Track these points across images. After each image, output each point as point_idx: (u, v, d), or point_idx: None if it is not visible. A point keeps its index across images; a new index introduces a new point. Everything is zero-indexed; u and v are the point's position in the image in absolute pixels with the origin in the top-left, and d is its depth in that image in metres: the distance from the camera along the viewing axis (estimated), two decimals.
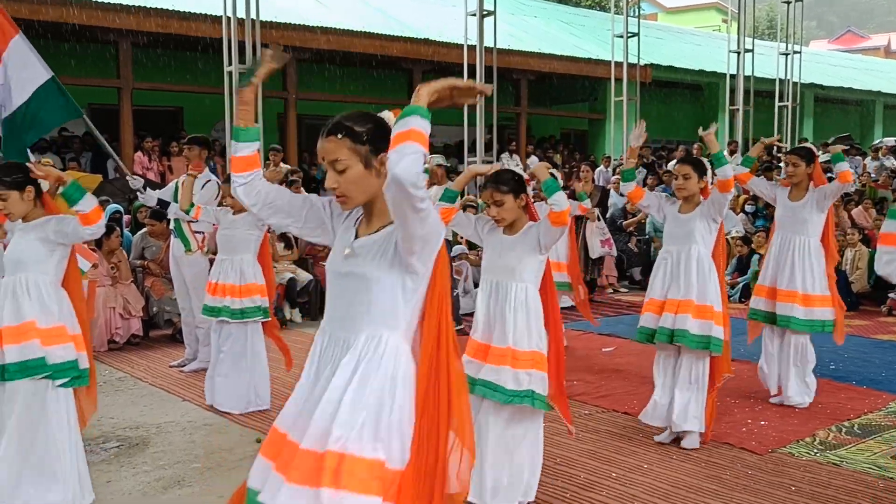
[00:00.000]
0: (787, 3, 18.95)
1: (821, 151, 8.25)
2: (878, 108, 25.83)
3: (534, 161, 16.19)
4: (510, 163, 15.12)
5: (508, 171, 3.76)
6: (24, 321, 3.63)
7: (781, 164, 14.16)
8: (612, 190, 12.61)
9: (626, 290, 11.01)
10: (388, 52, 14.92)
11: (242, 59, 11.06)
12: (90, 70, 13.07)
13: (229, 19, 11.02)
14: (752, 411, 5.36)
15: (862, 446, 4.68)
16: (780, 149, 15.66)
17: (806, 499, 3.92)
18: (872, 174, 14.67)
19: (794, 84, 19.16)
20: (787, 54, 19.01)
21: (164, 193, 6.78)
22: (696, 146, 16.13)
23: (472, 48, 13.65)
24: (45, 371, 3.62)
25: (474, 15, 13.47)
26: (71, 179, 3.71)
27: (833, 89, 23.37)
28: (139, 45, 13.02)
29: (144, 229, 8.33)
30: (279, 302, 8.37)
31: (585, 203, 4.98)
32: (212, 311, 5.57)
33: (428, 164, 8.59)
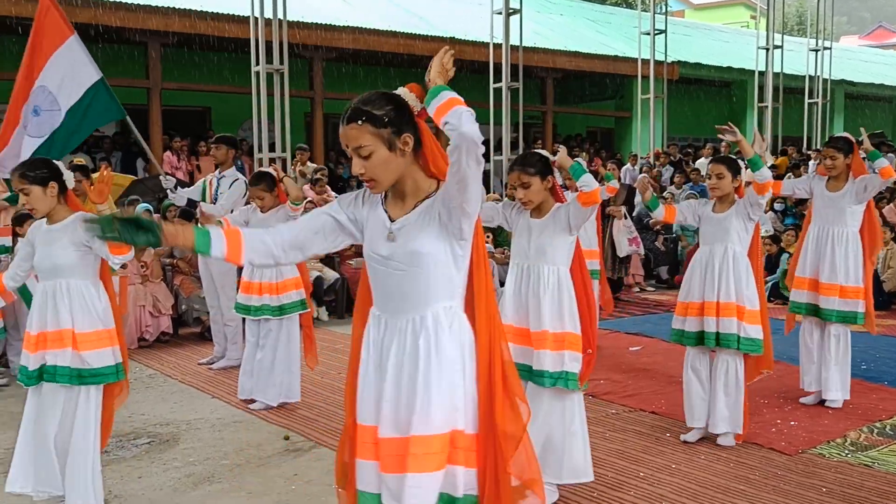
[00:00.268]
0: None
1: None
2: None
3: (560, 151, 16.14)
4: None
5: (535, 153, 3.82)
6: (64, 327, 3.62)
7: (811, 161, 14.00)
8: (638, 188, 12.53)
9: (653, 289, 10.94)
10: (414, 51, 14.93)
11: (270, 59, 11.14)
12: (120, 71, 13.21)
13: (256, 19, 11.10)
14: (782, 411, 5.31)
15: (895, 447, 4.62)
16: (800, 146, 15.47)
17: (837, 500, 3.88)
18: None
19: (825, 80, 18.93)
20: (817, 50, 18.78)
21: (191, 192, 6.84)
22: (724, 144, 16.00)
23: (497, 46, 13.64)
24: (82, 381, 3.65)
25: (500, 13, 13.45)
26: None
27: (864, 86, 23.04)
28: (168, 45, 13.15)
29: None
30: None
31: (613, 183, 4.97)
32: (250, 309, 5.58)
33: None
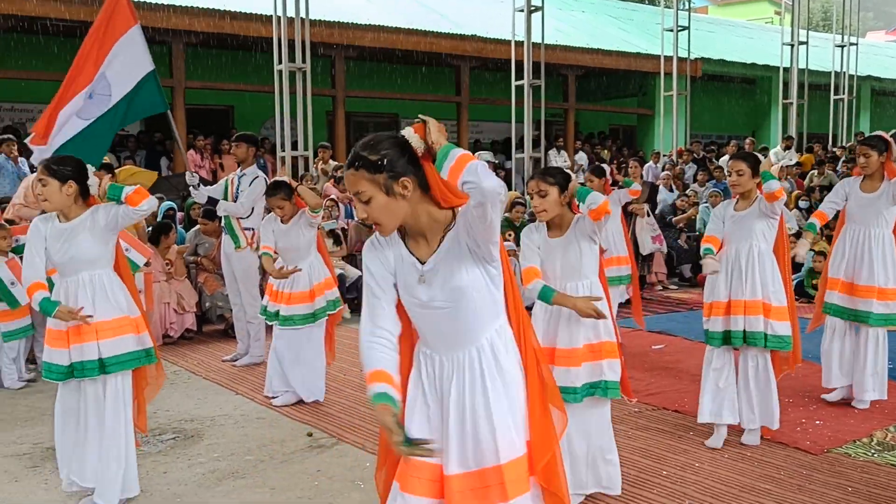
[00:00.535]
0: None
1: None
2: None
3: (581, 157, 16.09)
4: (558, 159, 15.05)
5: (557, 167, 3.82)
6: (90, 320, 3.68)
7: (839, 160, 13.84)
8: (661, 186, 12.47)
9: (676, 288, 10.87)
10: (436, 49, 14.95)
11: (292, 58, 11.20)
12: None
13: (279, 18, 11.15)
14: (807, 410, 5.26)
15: None
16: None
17: (863, 500, 3.84)
18: None
19: (850, 77, 18.72)
20: (842, 46, 18.60)
21: (213, 191, 6.90)
22: (748, 141, 15.86)
23: (519, 44, 13.61)
24: (106, 370, 3.73)
25: (522, 10, 13.42)
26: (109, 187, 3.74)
27: (890, 82, 22.78)
28: (191, 44, 13.25)
29: (197, 226, 8.48)
30: None
31: (635, 187, 4.92)
32: (278, 317, 5.59)
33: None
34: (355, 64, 15.41)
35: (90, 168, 3.81)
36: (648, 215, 10.03)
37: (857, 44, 18.85)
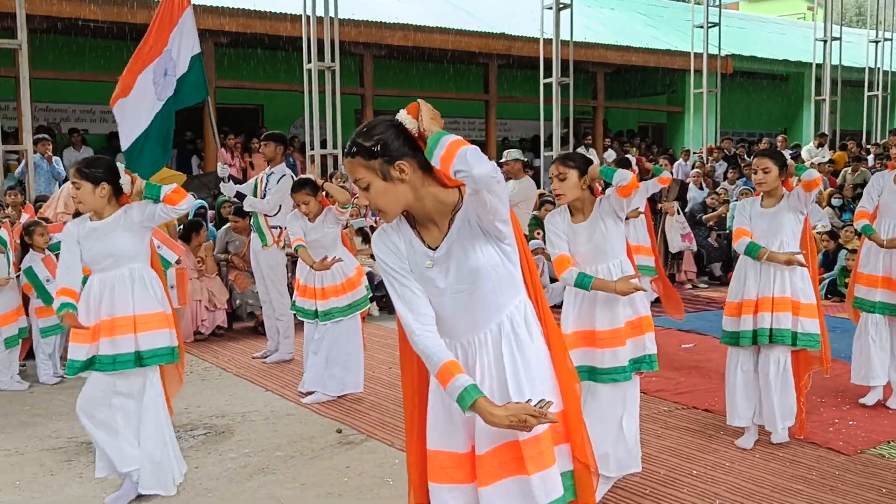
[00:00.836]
0: None
1: None
2: None
3: (610, 155, 16.01)
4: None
5: (578, 152, 3.84)
6: (125, 314, 3.74)
7: (870, 156, 13.64)
8: (691, 183, 12.37)
9: (706, 286, 10.78)
10: (464, 47, 14.96)
11: (321, 57, 11.26)
12: None
13: (308, 18, 11.22)
14: (840, 410, 5.20)
15: None
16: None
17: None
18: None
19: (885, 73, 18.44)
20: (876, 41, 18.31)
21: (244, 188, 6.96)
22: (780, 138, 15.68)
23: (548, 41, 13.58)
24: (143, 363, 3.78)
25: (550, 8, 13.39)
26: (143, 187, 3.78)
27: None
28: (221, 44, 13.37)
29: (228, 224, 8.56)
30: None
31: (665, 174, 4.86)
32: (313, 314, 5.62)
33: (505, 157, 8.60)
34: (384, 62, 15.46)
35: (120, 166, 3.87)
36: (678, 213, 9.96)
37: (891, 39, 18.55)
